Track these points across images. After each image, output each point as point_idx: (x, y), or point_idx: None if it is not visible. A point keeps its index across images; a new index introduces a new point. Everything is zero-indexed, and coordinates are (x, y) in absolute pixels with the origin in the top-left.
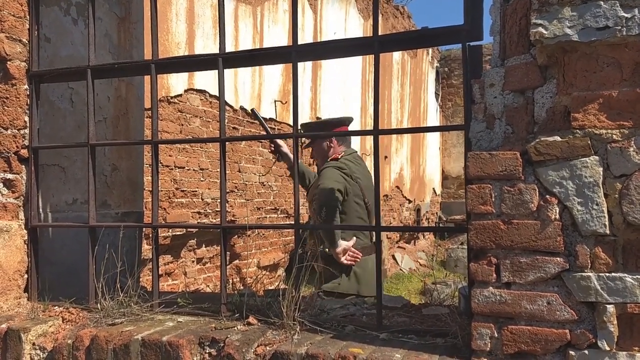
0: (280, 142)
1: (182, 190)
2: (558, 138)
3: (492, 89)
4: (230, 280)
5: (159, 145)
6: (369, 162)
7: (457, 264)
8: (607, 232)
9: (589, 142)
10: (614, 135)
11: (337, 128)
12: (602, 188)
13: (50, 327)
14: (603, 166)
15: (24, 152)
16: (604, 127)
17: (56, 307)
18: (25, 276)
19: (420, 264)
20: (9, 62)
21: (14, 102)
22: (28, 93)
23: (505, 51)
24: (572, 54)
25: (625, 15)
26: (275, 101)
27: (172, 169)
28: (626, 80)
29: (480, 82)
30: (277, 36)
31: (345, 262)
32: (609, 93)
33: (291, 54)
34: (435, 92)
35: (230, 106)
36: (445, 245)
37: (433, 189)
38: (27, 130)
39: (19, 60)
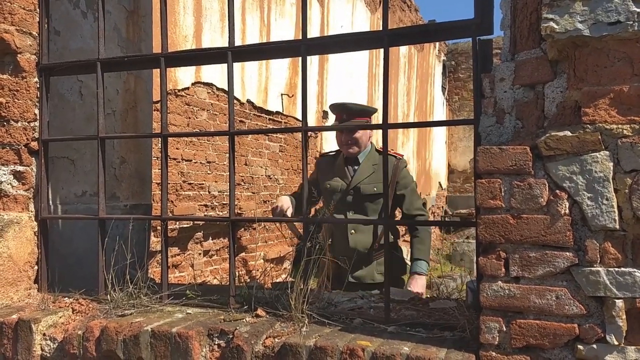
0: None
1: (189, 183)
2: (568, 133)
3: (502, 83)
4: (237, 273)
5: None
6: None
7: (463, 257)
8: (617, 227)
9: (600, 137)
10: (624, 131)
11: (370, 117)
12: (612, 183)
13: (60, 318)
14: (613, 161)
15: (34, 145)
16: (614, 122)
17: (66, 298)
18: (35, 267)
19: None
20: (19, 55)
21: (24, 94)
22: (38, 86)
23: (516, 45)
24: (583, 49)
25: (637, 10)
26: (282, 94)
27: (179, 162)
28: (637, 75)
29: (491, 76)
30: (284, 29)
31: None
32: (620, 88)
33: (301, 48)
34: (442, 86)
35: (238, 99)
36: (450, 239)
37: (439, 182)
38: (37, 123)
39: (29, 53)
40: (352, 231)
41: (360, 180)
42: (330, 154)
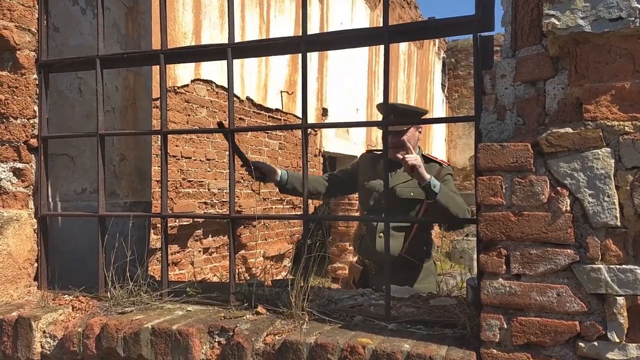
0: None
1: (189, 181)
2: (570, 130)
3: (503, 80)
4: (237, 270)
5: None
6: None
7: (462, 255)
8: (618, 224)
9: (601, 133)
10: (626, 127)
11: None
12: (613, 180)
13: (60, 315)
14: (615, 158)
15: (34, 142)
16: (616, 118)
17: (66, 295)
18: (35, 265)
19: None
20: (18, 52)
21: (24, 91)
22: (37, 82)
23: (517, 42)
24: (584, 45)
25: (639, 6)
26: (281, 92)
27: (178, 159)
28: (639, 72)
29: (492, 73)
30: (283, 26)
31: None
32: (622, 85)
33: (300, 44)
34: (442, 83)
35: (237, 97)
36: (450, 237)
37: None
38: (36, 120)
39: (28, 49)
40: (381, 234)
41: (397, 183)
42: (377, 152)
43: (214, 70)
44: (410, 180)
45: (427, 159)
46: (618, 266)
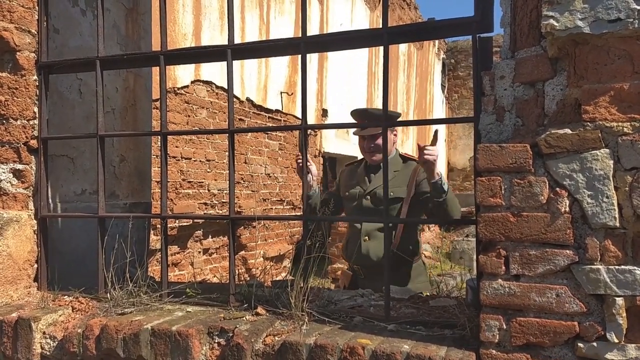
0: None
1: (189, 181)
2: (568, 131)
3: (502, 81)
4: (237, 271)
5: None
6: None
7: (462, 256)
8: (617, 224)
9: (600, 134)
10: (624, 128)
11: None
12: (612, 181)
13: (60, 316)
14: (614, 159)
15: (34, 143)
16: (614, 120)
17: (66, 296)
18: (35, 266)
19: (426, 256)
20: (18, 53)
21: (24, 92)
22: (37, 84)
23: (516, 43)
24: (583, 47)
25: (638, 7)
26: (281, 92)
27: (178, 160)
28: (637, 73)
29: (491, 74)
30: (283, 27)
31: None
32: (620, 86)
33: (300, 46)
34: (442, 84)
35: (237, 98)
36: (450, 238)
37: None
38: (36, 121)
39: (28, 51)
40: (366, 237)
41: (377, 185)
42: (354, 163)
43: (214, 72)
44: (391, 180)
45: (404, 158)
46: (617, 267)
